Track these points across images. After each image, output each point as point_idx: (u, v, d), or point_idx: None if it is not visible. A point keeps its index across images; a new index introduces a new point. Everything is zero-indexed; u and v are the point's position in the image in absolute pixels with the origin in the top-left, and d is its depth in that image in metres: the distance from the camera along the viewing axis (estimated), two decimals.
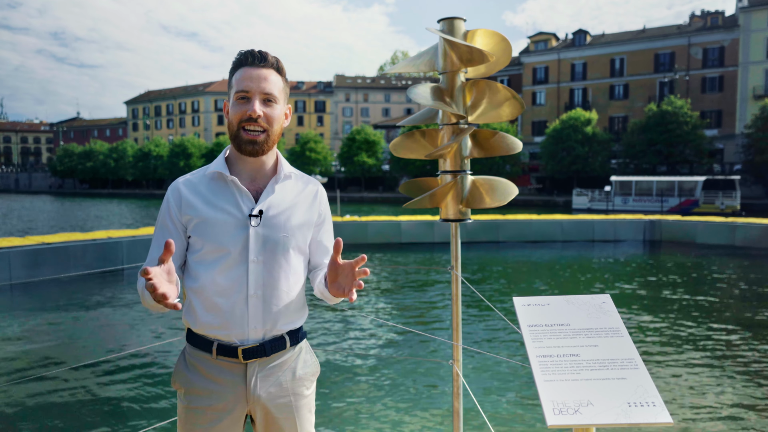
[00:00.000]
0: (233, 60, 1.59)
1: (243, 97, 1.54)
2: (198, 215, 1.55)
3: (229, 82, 1.61)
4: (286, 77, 1.63)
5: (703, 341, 7.18)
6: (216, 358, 1.57)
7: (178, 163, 61.01)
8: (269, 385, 1.60)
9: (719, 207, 29.93)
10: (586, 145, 40.92)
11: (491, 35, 2.23)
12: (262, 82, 1.54)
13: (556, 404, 1.31)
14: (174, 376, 1.66)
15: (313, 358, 1.75)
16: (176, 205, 1.58)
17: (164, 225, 1.60)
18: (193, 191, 1.59)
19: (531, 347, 1.47)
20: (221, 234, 1.54)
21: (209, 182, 1.60)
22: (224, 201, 1.57)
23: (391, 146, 2.50)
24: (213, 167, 1.60)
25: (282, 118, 1.61)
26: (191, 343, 1.63)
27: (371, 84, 79.56)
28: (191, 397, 1.59)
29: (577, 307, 1.61)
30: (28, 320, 8.41)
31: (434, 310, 9.03)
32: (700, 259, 14.69)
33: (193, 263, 1.59)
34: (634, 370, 1.40)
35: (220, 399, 1.57)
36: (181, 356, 1.67)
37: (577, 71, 51.27)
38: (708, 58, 45.42)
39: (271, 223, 1.58)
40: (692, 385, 5.65)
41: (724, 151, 43.87)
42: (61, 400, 5.24)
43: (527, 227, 17.33)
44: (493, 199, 2.28)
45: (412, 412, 4.97)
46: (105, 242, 12.01)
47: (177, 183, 1.62)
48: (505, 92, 2.21)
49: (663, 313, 8.72)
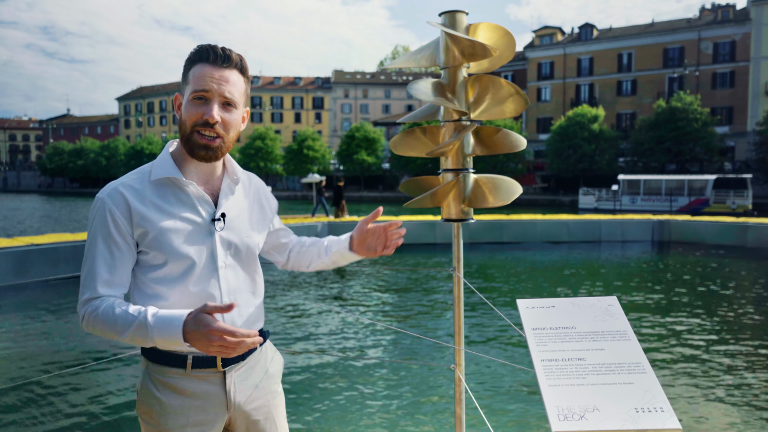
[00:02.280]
0: (191, 51, 1.49)
1: (200, 98, 1.46)
2: (153, 227, 1.43)
3: (184, 75, 1.51)
4: (249, 76, 1.56)
5: (714, 345, 7.18)
6: (190, 371, 1.50)
7: None
8: (247, 389, 1.60)
9: (730, 207, 29.93)
10: (593, 142, 40.94)
11: (495, 29, 2.23)
12: (224, 84, 1.46)
13: (561, 410, 1.31)
14: (141, 401, 1.54)
15: (278, 354, 1.77)
16: (125, 216, 1.43)
17: (108, 238, 1.43)
18: (141, 200, 1.45)
19: (535, 351, 1.47)
20: (184, 244, 1.46)
21: (158, 188, 1.48)
22: (181, 208, 1.48)
23: (391, 144, 2.50)
24: (161, 172, 1.48)
25: (240, 123, 1.54)
26: (155, 361, 1.52)
27: (371, 80, 79.58)
28: (165, 417, 1.50)
29: (582, 309, 1.61)
30: (15, 324, 8.41)
31: (435, 313, 9.03)
32: (710, 261, 14.69)
33: (153, 281, 1.47)
34: (641, 374, 1.40)
35: (199, 413, 1.52)
36: (144, 378, 1.55)
37: (583, 66, 51.31)
38: (719, 52, 45.45)
39: (234, 225, 1.56)
40: (702, 390, 5.65)
41: (736, 148, 43.89)
42: (50, 407, 5.24)
43: (532, 227, 17.33)
44: (497, 199, 2.28)
45: (412, 418, 4.97)
46: None
47: (117, 190, 1.45)
48: (508, 88, 2.21)
49: (672, 315, 8.72)
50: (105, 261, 1.43)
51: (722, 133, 42.05)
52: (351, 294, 10.70)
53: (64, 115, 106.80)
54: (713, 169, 39.22)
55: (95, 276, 1.42)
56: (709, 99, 44.64)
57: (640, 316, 8.71)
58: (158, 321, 1.36)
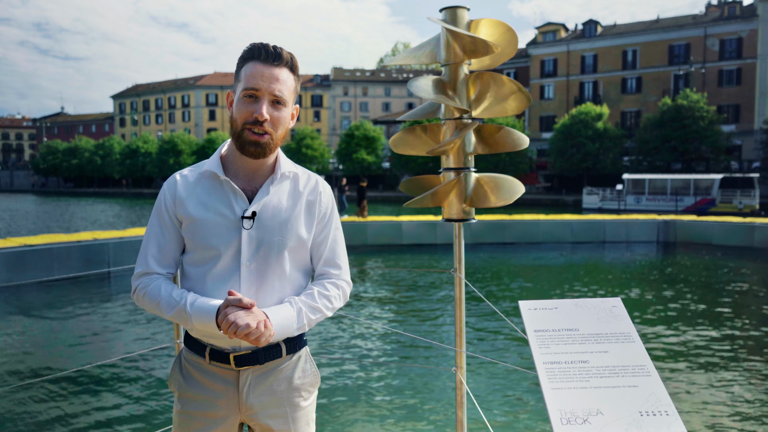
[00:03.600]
0: (244, 50, 1.57)
1: (251, 95, 1.52)
2: (188, 215, 1.56)
3: (236, 73, 1.58)
4: (299, 74, 1.61)
5: (719, 348, 7.18)
6: (209, 363, 1.58)
7: (168, 160, 61.06)
8: (262, 395, 1.60)
9: (737, 206, 29.93)
10: (597, 141, 40.95)
11: (496, 25, 2.23)
12: (274, 82, 1.52)
13: (563, 413, 1.31)
14: (170, 378, 1.68)
15: (313, 368, 1.73)
16: (172, 199, 1.59)
17: (161, 218, 1.60)
18: (187, 189, 1.59)
19: (537, 353, 1.47)
20: (212, 236, 1.54)
21: (203, 181, 1.60)
22: (217, 201, 1.56)
23: (391, 142, 2.50)
24: (207, 165, 1.60)
25: (289, 120, 1.60)
26: (187, 345, 1.64)
27: (370, 77, 79.61)
28: (185, 401, 1.61)
29: (586, 311, 1.61)
30: (9, 326, 8.41)
31: (436, 315, 9.04)
32: (716, 262, 14.68)
33: (185, 265, 1.61)
34: (646, 377, 1.39)
35: (212, 406, 1.58)
36: (177, 358, 1.69)
37: (587, 64, 51.30)
38: (725, 49, 45.44)
39: (266, 225, 1.57)
40: (707, 393, 5.65)
41: (742, 147, 43.87)
42: (43, 411, 5.24)
43: (534, 228, 17.34)
44: (499, 198, 2.28)
45: (413, 422, 4.97)
46: (90, 244, 12.01)
47: (174, 177, 1.63)
48: (511, 85, 2.21)
49: (677, 317, 8.72)
50: (156, 239, 1.60)
51: (729, 131, 42.03)
52: (351, 296, 10.70)
53: (58, 114, 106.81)
54: (720, 168, 39.20)
55: (147, 252, 1.60)
56: (715, 97, 44.64)
57: (645, 318, 8.71)
58: (195, 310, 1.49)
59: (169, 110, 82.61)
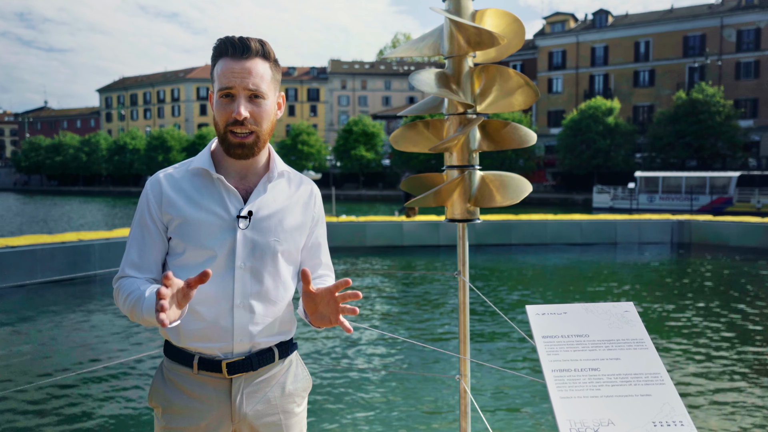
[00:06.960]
0: (213, 47, 1.55)
1: (227, 95, 1.51)
2: (180, 215, 1.54)
3: (211, 72, 1.58)
4: (276, 60, 1.59)
5: (736, 355, 7.18)
6: (197, 372, 1.57)
7: (157, 157, 61.04)
8: (256, 402, 1.61)
9: (755, 206, 29.93)
10: (608, 137, 40.94)
11: (502, 15, 2.23)
12: (247, 76, 1.49)
13: (573, 423, 1.31)
14: (151, 394, 1.65)
15: (304, 372, 1.76)
16: (156, 201, 1.57)
17: (143, 223, 1.58)
18: (174, 188, 1.57)
19: (546, 360, 1.47)
20: (205, 236, 1.53)
21: (193, 178, 1.58)
22: (209, 200, 1.55)
23: (391, 138, 2.50)
24: (197, 162, 1.59)
25: (273, 112, 1.58)
26: (170, 356, 1.62)
27: (370, 70, 79.60)
28: (170, 416, 1.59)
29: (596, 316, 1.61)
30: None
31: (439, 320, 9.04)
32: (734, 264, 14.69)
33: (174, 268, 1.58)
34: (659, 385, 1.40)
35: (202, 418, 1.57)
36: (158, 371, 1.67)
37: (597, 55, 51.29)
38: (742, 40, 45.42)
39: (261, 225, 1.57)
40: (723, 403, 5.65)
41: (761, 143, 43.87)
42: (26, 421, 5.24)
43: (542, 228, 17.34)
44: (505, 197, 2.28)
45: (416, 431, 4.97)
46: (75, 245, 12.01)
47: (157, 177, 1.60)
48: (517, 79, 2.21)
49: (692, 323, 8.72)
50: (137, 244, 1.59)
51: (746, 126, 42.05)
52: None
53: (42, 108, 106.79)
54: (737, 165, 39.20)
55: (126, 257, 1.60)
56: (732, 90, 44.63)
57: (659, 323, 8.71)
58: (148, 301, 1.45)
59: (158, 104, 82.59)
